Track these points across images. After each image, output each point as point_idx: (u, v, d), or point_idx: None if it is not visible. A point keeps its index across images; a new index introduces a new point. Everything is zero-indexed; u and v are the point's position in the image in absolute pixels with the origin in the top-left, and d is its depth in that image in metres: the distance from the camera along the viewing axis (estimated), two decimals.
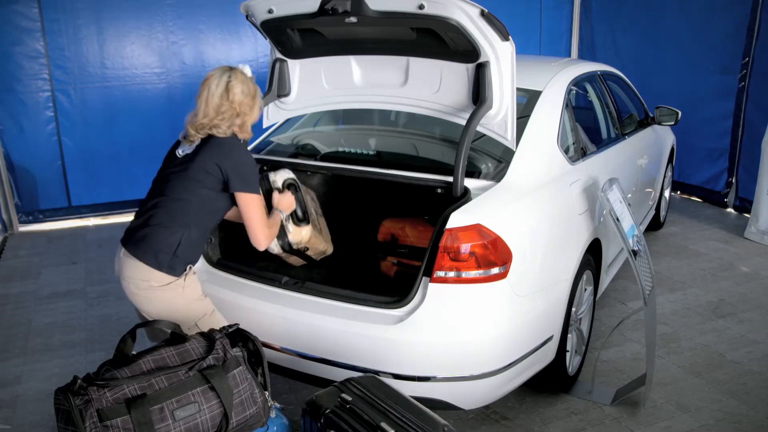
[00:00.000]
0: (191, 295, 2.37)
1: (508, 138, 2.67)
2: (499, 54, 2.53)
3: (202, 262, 2.85)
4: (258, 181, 2.35)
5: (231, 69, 2.31)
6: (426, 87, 2.82)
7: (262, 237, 2.35)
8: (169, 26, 5.89)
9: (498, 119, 2.65)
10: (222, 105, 2.26)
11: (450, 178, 2.56)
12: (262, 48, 6.13)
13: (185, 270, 2.33)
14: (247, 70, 2.35)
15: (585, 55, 7.58)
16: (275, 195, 2.67)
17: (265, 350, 2.53)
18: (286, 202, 2.68)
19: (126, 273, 2.29)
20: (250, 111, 2.33)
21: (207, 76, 2.30)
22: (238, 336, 2.10)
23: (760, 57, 5.56)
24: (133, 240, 2.29)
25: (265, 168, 2.99)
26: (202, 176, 2.25)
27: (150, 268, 2.25)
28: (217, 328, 2.18)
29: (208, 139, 2.29)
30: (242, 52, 6.15)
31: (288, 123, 3.56)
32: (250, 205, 2.30)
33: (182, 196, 2.27)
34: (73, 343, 3.65)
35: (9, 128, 5.54)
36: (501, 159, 2.82)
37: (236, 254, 2.95)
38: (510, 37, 2.50)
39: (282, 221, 2.67)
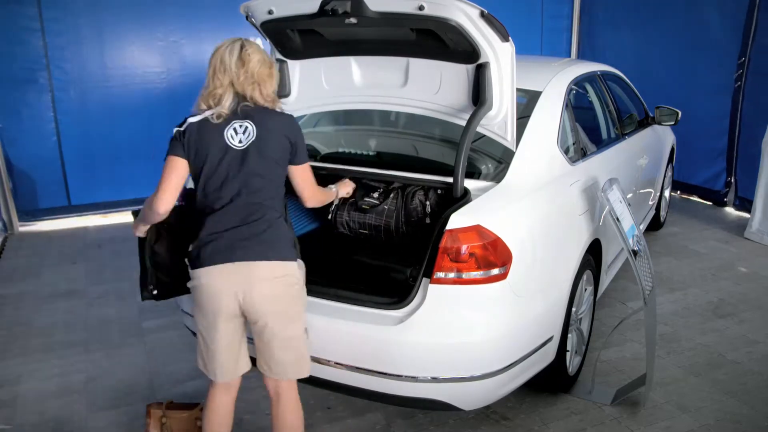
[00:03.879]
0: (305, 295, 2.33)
1: (508, 139, 2.67)
2: (499, 55, 2.53)
3: None
4: None
5: (243, 39, 2.18)
6: (426, 88, 2.82)
7: (316, 195, 2.43)
8: (169, 26, 5.89)
9: (498, 120, 2.65)
10: (239, 74, 2.11)
11: (450, 179, 2.56)
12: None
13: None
14: (259, 42, 2.27)
15: (585, 55, 7.58)
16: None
17: None
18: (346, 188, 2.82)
19: (262, 274, 2.11)
20: (270, 80, 2.19)
21: (216, 48, 2.16)
22: None
23: (756, 56, 5.57)
24: (242, 245, 2.10)
25: None
26: (279, 154, 2.17)
27: (288, 262, 2.16)
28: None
29: (261, 115, 2.14)
30: None
31: None
32: (308, 170, 2.33)
33: (270, 181, 2.17)
34: (73, 343, 3.65)
35: (9, 128, 5.55)
36: (501, 160, 2.82)
37: None
38: (510, 38, 2.50)
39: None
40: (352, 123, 3.73)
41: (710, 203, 6.24)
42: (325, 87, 3.06)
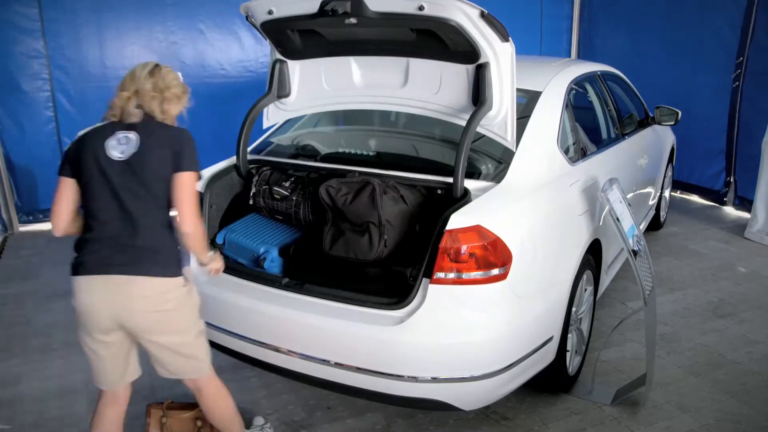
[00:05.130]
0: (197, 299, 2.26)
1: (508, 139, 2.67)
2: (498, 55, 2.53)
3: None
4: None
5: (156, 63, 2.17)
6: (426, 88, 2.82)
7: (194, 220, 2.11)
8: (169, 26, 5.89)
9: (498, 120, 2.66)
10: (146, 87, 2.09)
11: (450, 179, 2.56)
12: (262, 48, 6.12)
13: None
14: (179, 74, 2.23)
15: (585, 55, 7.58)
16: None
17: (265, 351, 2.54)
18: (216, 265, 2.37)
19: (136, 293, 2.05)
20: (177, 102, 2.16)
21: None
22: None
23: (754, 56, 5.57)
24: (121, 259, 2.06)
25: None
26: (160, 166, 2.07)
27: (164, 278, 2.08)
28: (204, 347, 2.28)
29: (148, 131, 2.09)
30: (242, 51, 6.13)
31: (288, 124, 3.56)
32: (191, 184, 2.10)
33: (153, 196, 2.09)
34: (73, 343, 3.61)
35: (9, 128, 5.54)
36: (501, 160, 2.83)
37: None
38: (510, 38, 2.50)
39: None
40: (352, 123, 3.73)
41: (710, 203, 6.24)
42: (325, 87, 3.06)
